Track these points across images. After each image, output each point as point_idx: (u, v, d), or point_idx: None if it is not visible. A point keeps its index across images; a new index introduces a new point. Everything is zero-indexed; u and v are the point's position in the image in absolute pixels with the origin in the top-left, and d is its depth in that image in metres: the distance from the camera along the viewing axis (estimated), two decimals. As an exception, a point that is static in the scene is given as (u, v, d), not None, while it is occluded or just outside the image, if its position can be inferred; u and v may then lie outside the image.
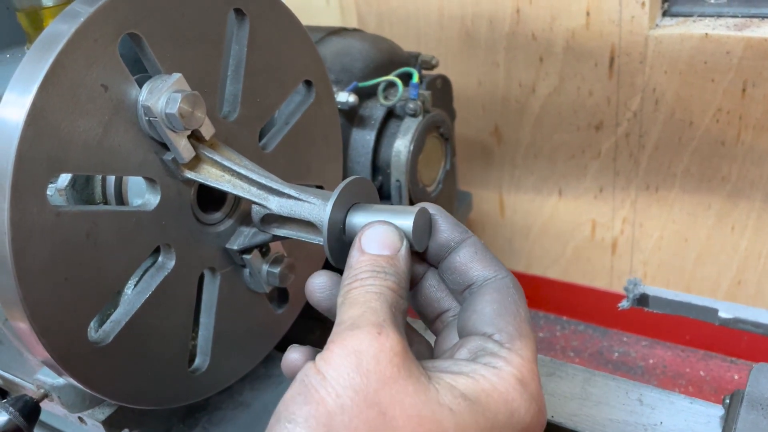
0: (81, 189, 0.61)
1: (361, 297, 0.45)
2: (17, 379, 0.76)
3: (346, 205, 0.54)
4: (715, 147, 1.17)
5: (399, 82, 0.97)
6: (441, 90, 1.10)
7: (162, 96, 0.53)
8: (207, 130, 0.57)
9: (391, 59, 1.04)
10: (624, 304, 0.47)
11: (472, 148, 1.41)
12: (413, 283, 0.53)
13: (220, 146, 0.59)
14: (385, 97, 0.99)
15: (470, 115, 1.37)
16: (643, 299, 0.45)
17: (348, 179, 0.54)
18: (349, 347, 0.40)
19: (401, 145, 0.97)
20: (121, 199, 0.62)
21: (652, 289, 0.45)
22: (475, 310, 0.48)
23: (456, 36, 1.31)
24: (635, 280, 0.46)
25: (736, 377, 1.26)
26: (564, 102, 1.27)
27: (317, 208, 0.55)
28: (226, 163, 0.58)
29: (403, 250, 0.48)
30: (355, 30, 1.08)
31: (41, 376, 0.64)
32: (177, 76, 0.54)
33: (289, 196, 0.56)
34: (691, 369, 1.29)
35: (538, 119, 1.31)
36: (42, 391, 0.64)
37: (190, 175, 0.58)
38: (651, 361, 1.32)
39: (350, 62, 0.98)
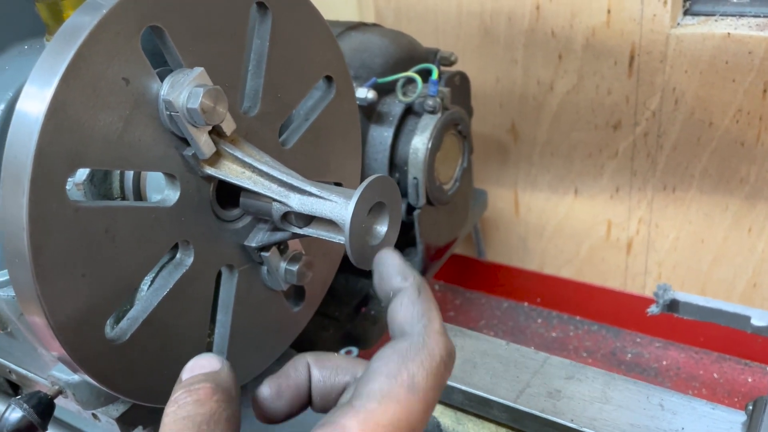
0: (99, 183, 0.61)
1: (167, 426, 0.44)
2: (30, 375, 0.75)
3: (368, 203, 0.53)
4: (734, 148, 1.16)
5: (418, 78, 0.96)
6: (459, 87, 1.09)
7: (183, 90, 0.52)
8: (228, 126, 0.56)
9: (410, 55, 1.03)
10: (653, 309, 0.46)
11: (488, 145, 1.40)
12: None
13: (240, 142, 0.58)
14: (404, 94, 0.98)
15: (487, 112, 1.36)
16: (673, 305, 0.44)
17: (371, 178, 0.53)
18: None
19: (419, 142, 0.96)
20: (139, 194, 0.62)
21: (683, 295, 0.44)
22: (366, 369, 0.45)
23: (474, 32, 1.30)
24: (665, 286, 0.45)
25: (749, 380, 1.24)
26: (582, 100, 1.26)
27: (339, 206, 0.54)
28: (247, 159, 0.57)
29: (225, 366, 0.48)
30: (374, 25, 1.07)
31: (56, 372, 0.63)
32: (199, 70, 0.53)
33: (311, 194, 0.55)
34: (705, 371, 1.28)
35: (556, 117, 1.30)
36: (56, 387, 0.64)
37: (210, 171, 0.57)
38: (664, 363, 1.31)
39: (369, 58, 0.97)
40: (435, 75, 0.96)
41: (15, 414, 0.60)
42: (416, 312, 0.46)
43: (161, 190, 0.58)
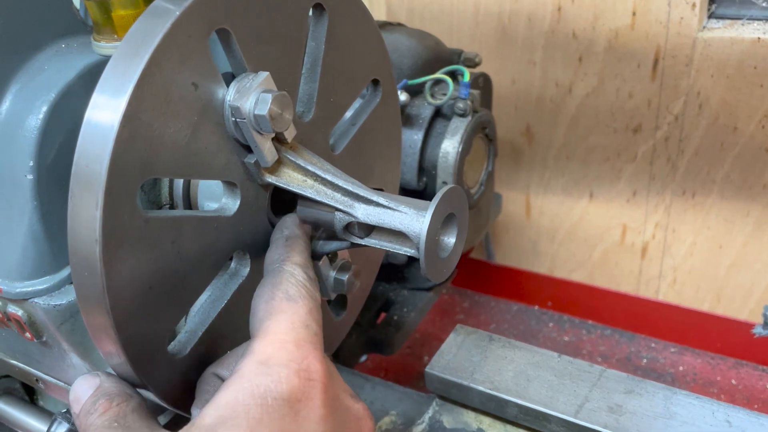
0: (149, 190, 0.58)
1: None
2: (61, 384, 0.73)
3: (442, 216, 0.52)
4: (758, 154, 1.15)
5: (450, 80, 0.94)
6: (483, 89, 1.07)
7: (251, 96, 0.50)
8: (290, 133, 0.54)
9: (436, 56, 1.01)
10: (760, 330, 0.45)
11: (501, 147, 1.39)
12: None
13: (300, 149, 0.56)
14: (432, 95, 0.97)
15: (502, 113, 1.35)
16: (782, 327, 0.42)
17: (444, 189, 0.52)
18: None
19: (449, 145, 0.94)
20: (189, 201, 0.59)
21: (791, 317, 0.42)
22: None
23: (492, 33, 1.28)
24: (772, 306, 0.43)
25: (768, 386, 1.25)
26: (602, 103, 1.25)
27: (410, 218, 0.52)
28: (309, 167, 0.55)
29: (102, 378, 0.51)
30: (399, 25, 1.06)
31: (101, 385, 0.61)
32: (265, 74, 0.51)
33: (378, 204, 0.53)
34: (723, 377, 1.27)
35: (574, 120, 1.29)
36: (101, 400, 0.61)
37: (270, 179, 0.55)
38: (681, 369, 1.30)
39: (399, 59, 0.95)
40: (467, 77, 0.95)
41: (61, 428, 0.58)
42: (278, 253, 0.53)
43: (217, 198, 0.56)
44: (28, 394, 0.92)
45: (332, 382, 0.48)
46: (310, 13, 0.59)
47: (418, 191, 0.96)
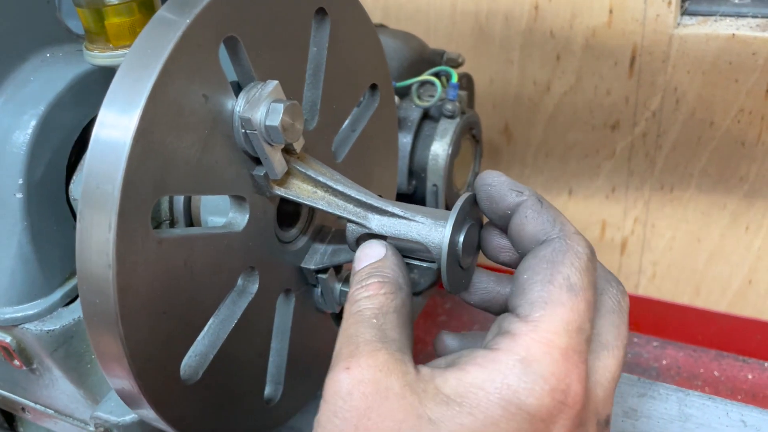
0: (149, 207, 0.55)
1: (344, 325, 0.45)
2: (50, 411, 0.70)
3: (461, 225, 0.50)
4: (734, 147, 1.17)
5: (438, 82, 0.93)
6: (465, 89, 1.06)
7: (261, 106, 0.48)
8: (299, 143, 0.52)
9: (421, 57, 1.00)
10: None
11: (480, 146, 1.38)
12: None
13: (308, 159, 0.54)
14: (419, 97, 0.95)
15: (480, 112, 1.31)
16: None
17: (463, 197, 0.50)
18: (328, 393, 0.42)
19: (439, 148, 0.93)
20: (190, 217, 0.57)
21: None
22: (513, 284, 0.45)
23: (469, 32, 1.27)
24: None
25: (750, 377, 1.26)
26: (580, 101, 1.25)
27: (428, 228, 0.50)
28: (320, 178, 0.53)
29: (388, 252, 0.49)
30: (381, 26, 1.04)
31: (102, 414, 0.58)
32: (274, 83, 0.49)
33: (393, 215, 0.52)
34: (705, 369, 1.29)
35: (552, 118, 1.29)
36: (101, 429, 0.58)
37: (279, 191, 0.52)
38: (664, 362, 1.31)
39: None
40: (455, 78, 0.94)
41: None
42: (546, 219, 0.46)
43: (222, 213, 0.54)
44: (8, 421, 0.88)
45: (586, 408, 0.41)
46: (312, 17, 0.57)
47: (408, 195, 0.94)
